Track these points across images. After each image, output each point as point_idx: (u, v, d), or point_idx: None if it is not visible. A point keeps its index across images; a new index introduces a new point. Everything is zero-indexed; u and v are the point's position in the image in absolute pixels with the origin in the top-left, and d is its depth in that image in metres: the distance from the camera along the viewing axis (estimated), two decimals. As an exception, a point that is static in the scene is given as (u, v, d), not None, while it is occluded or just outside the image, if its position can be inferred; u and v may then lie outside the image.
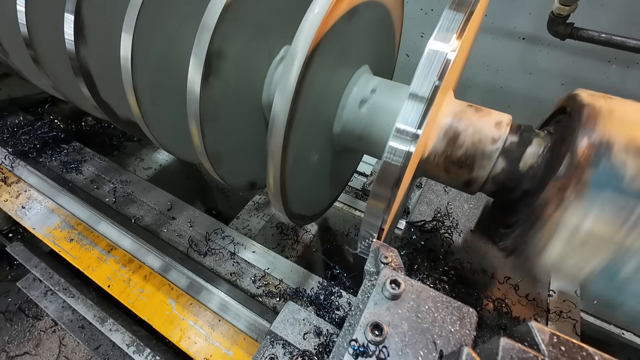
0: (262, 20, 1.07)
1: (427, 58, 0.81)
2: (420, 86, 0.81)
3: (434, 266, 1.42)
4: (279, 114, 0.90)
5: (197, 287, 1.51)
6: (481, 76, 2.86)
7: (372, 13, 1.11)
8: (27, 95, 2.52)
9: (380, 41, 1.28)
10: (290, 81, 0.88)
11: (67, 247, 1.70)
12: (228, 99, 1.10)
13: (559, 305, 1.36)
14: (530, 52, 2.59)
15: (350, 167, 1.65)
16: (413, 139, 0.81)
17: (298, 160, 1.06)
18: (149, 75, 1.19)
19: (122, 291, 1.56)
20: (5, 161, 2.00)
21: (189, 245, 1.62)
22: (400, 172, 0.83)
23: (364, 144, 1.16)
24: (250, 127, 1.26)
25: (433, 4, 2.64)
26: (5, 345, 3.02)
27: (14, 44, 1.57)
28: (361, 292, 0.83)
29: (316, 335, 1.19)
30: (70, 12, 1.20)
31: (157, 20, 1.13)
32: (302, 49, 0.86)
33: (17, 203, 1.88)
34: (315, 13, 0.87)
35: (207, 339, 1.41)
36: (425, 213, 1.64)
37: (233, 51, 1.02)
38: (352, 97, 1.12)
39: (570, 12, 1.98)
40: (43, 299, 2.13)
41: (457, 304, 0.76)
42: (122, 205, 1.81)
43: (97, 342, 1.97)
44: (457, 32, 0.81)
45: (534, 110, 2.76)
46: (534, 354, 0.58)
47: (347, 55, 1.08)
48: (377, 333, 0.70)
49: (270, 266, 1.54)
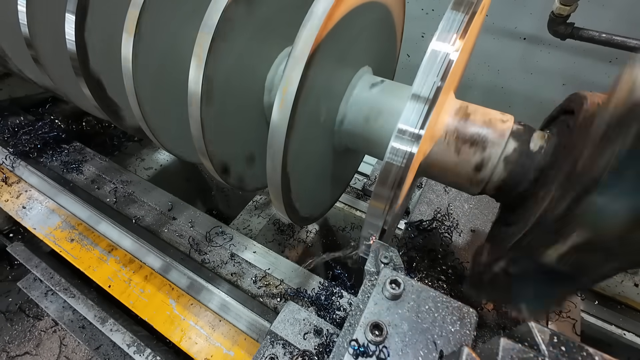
0: (263, 21, 1.08)
1: (430, 58, 0.81)
2: (423, 87, 0.81)
3: (433, 265, 1.42)
4: (280, 118, 0.90)
5: (198, 288, 1.51)
6: (482, 76, 2.87)
7: (374, 14, 1.11)
8: (28, 96, 2.52)
9: (382, 42, 1.28)
10: (291, 85, 0.88)
11: (68, 247, 1.70)
12: (229, 100, 1.10)
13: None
14: (531, 52, 2.59)
15: (352, 168, 1.65)
16: (415, 140, 0.81)
17: (299, 162, 1.06)
18: (150, 75, 1.19)
19: (123, 291, 1.56)
20: (6, 161, 2.01)
21: (190, 245, 1.63)
22: (402, 172, 0.83)
23: (365, 144, 1.16)
24: (251, 127, 1.26)
25: (434, 4, 2.64)
26: (6, 345, 3.03)
27: (15, 44, 1.57)
28: (361, 292, 0.83)
29: (316, 335, 1.19)
30: (72, 12, 1.20)
31: (158, 21, 1.13)
32: (304, 51, 0.86)
33: (17, 203, 1.88)
34: (316, 14, 0.86)
35: (208, 339, 1.42)
36: (426, 213, 1.64)
37: (234, 52, 1.03)
38: (353, 97, 1.12)
39: (570, 12, 1.98)
40: (43, 299, 2.14)
41: (457, 303, 0.76)
42: (123, 205, 1.82)
43: (98, 342, 1.98)
44: (459, 32, 0.81)
45: (535, 111, 2.77)
46: (534, 354, 0.58)
47: (349, 56, 1.08)
48: (377, 333, 0.70)
49: (271, 266, 1.55)
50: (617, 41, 1.99)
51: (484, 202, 1.68)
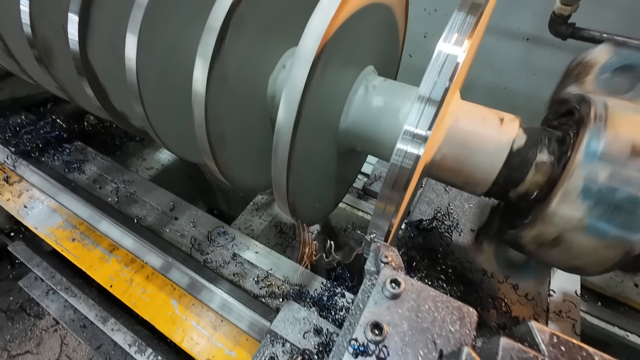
0: (267, 21, 1.07)
1: (437, 59, 0.81)
2: (430, 88, 0.80)
3: (433, 265, 1.42)
4: (286, 118, 0.90)
5: (200, 288, 1.51)
6: (484, 77, 2.86)
7: (377, 14, 1.11)
8: (29, 95, 2.53)
9: (385, 42, 1.28)
10: (297, 85, 0.87)
11: (70, 246, 1.71)
12: (233, 100, 1.10)
13: (558, 304, 1.37)
14: (534, 53, 2.58)
15: (355, 168, 1.65)
16: (422, 141, 0.81)
17: (304, 162, 1.05)
18: (154, 76, 1.19)
19: (125, 291, 1.57)
20: (7, 160, 2.01)
21: (192, 245, 1.63)
22: (408, 174, 0.83)
23: (369, 145, 1.16)
24: (255, 128, 1.26)
25: (436, 4, 2.63)
26: (7, 344, 3.04)
27: (18, 44, 1.57)
28: (361, 292, 0.83)
29: (316, 334, 1.19)
30: (75, 13, 1.20)
31: (163, 21, 1.13)
32: (310, 52, 0.86)
33: (19, 202, 1.89)
34: (321, 15, 0.86)
35: (210, 340, 1.42)
36: (426, 212, 1.64)
37: (238, 53, 1.03)
38: (357, 98, 1.12)
39: (571, 12, 1.98)
40: (44, 298, 2.14)
41: (457, 303, 0.76)
42: (125, 205, 1.82)
43: (99, 342, 1.98)
44: (467, 33, 0.80)
45: (537, 112, 2.76)
46: (534, 354, 0.59)
47: (352, 57, 1.08)
48: (377, 332, 0.70)
49: (273, 267, 1.54)
50: (618, 41, 1.98)
51: (484, 202, 1.68)
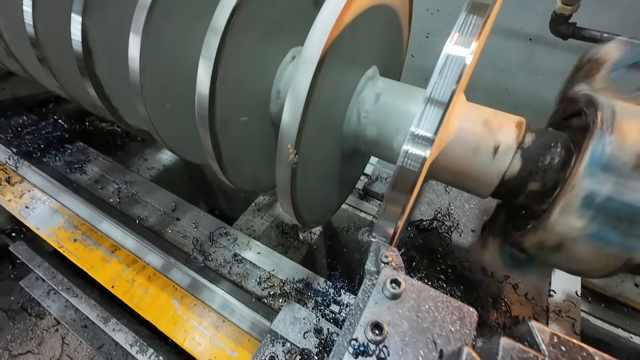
0: (271, 22, 1.07)
1: (444, 61, 0.81)
2: (437, 89, 0.81)
3: (433, 265, 1.42)
4: (291, 119, 0.90)
5: (201, 288, 1.51)
6: (487, 77, 2.86)
7: (382, 15, 1.11)
8: (31, 95, 2.53)
9: (389, 43, 1.28)
10: (302, 86, 0.87)
11: (71, 247, 1.71)
12: (236, 101, 1.10)
13: (558, 304, 1.37)
14: (536, 53, 2.58)
15: (358, 170, 1.64)
16: (428, 143, 0.81)
17: (308, 163, 1.05)
18: (157, 77, 1.19)
19: (126, 292, 1.57)
20: (9, 161, 2.02)
21: (194, 246, 1.63)
22: (415, 177, 0.83)
23: (373, 147, 1.15)
24: (258, 128, 1.26)
25: (439, 4, 2.63)
26: (8, 344, 3.04)
27: (20, 44, 1.58)
28: (361, 292, 0.83)
29: (316, 334, 1.20)
30: (78, 13, 1.21)
31: (166, 22, 1.13)
32: (315, 53, 0.86)
33: (20, 203, 1.89)
34: (327, 16, 0.86)
35: (212, 340, 1.42)
36: (426, 213, 1.65)
37: (242, 53, 1.03)
38: (362, 98, 1.12)
39: (572, 11, 1.98)
40: (46, 298, 2.15)
41: (457, 303, 0.76)
42: (127, 205, 1.82)
43: (100, 342, 1.98)
44: (474, 34, 0.80)
45: (540, 112, 2.76)
46: (534, 354, 0.59)
47: (357, 58, 1.08)
48: (377, 332, 0.70)
49: (275, 267, 1.54)
50: (619, 41, 1.98)
51: (484, 203, 1.68)
